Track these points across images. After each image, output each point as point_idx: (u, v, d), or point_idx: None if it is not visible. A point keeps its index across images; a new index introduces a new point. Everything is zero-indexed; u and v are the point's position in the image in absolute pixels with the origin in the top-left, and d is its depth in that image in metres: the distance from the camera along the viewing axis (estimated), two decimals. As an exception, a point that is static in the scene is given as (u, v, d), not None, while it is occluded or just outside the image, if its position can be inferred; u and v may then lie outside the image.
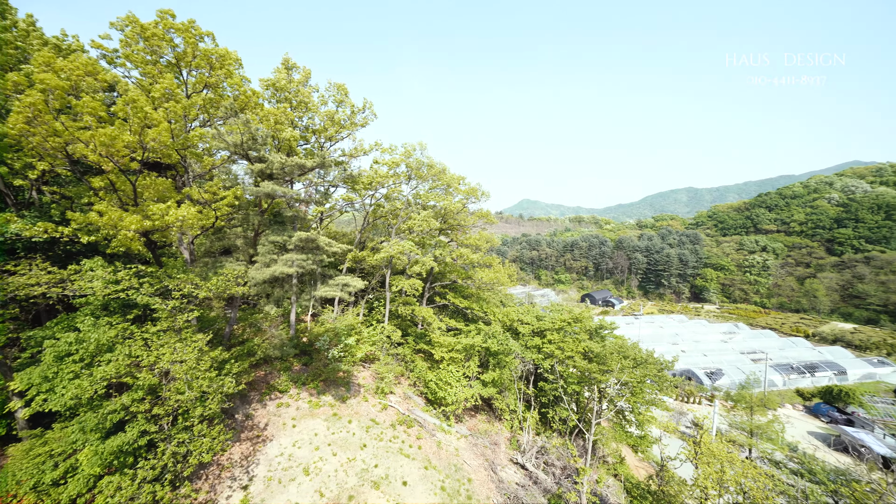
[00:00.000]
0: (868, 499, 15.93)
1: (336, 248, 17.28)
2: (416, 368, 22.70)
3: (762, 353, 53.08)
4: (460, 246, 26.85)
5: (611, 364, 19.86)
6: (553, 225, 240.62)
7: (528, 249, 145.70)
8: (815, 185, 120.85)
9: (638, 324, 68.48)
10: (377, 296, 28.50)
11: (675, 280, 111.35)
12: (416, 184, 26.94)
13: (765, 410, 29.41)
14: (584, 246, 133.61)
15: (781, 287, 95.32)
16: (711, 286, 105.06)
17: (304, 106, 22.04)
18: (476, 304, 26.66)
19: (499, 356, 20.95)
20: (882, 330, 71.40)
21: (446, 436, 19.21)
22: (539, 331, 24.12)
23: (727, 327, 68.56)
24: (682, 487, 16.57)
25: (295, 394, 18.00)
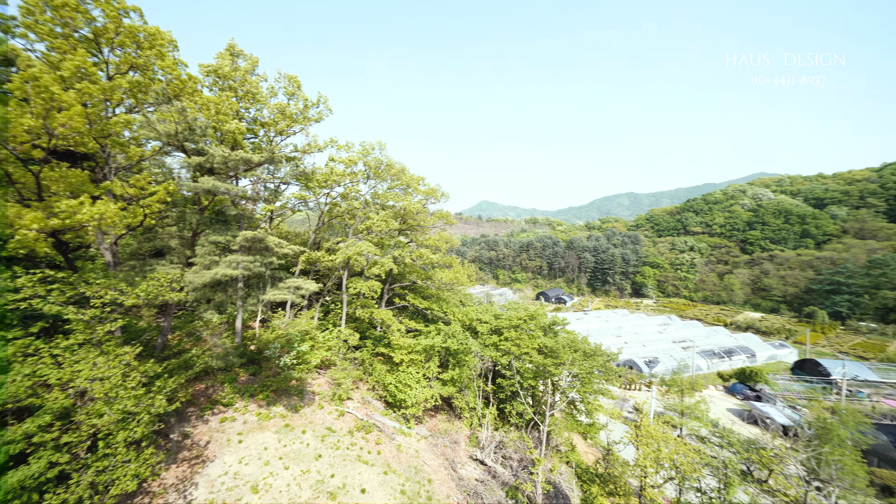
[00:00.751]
0: (772, 462, 18.45)
1: (287, 250, 16.32)
2: (375, 372, 22.20)
3: (690, 341, 59.51)
4: (420, 247, 26.75)
5: (563, 358, 21.00)
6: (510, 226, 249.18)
7: (486, 250, 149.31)
8: (731, 193, 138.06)
9: (587, 319, 73.13)
10: (333, 299, 27.42)
11: (619, 277, 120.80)
12: (374, 183, 26.35)
13: (693, 392, 32.92)
14: (539, 246, 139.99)
15: (706, 282, 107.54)
16: (649, 282, 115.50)
17: (252, 96, 20.55)
18: (436, 305, 26.72)
19: (458, 355, 21.18)
20: (782, 317, 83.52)
21: (406, 438, 19.00)
22: (497, 329, 24.79)
23: (662, 319, 75.76)
24: (625, 468, 17.91)
25: (241, 407, 16.68)
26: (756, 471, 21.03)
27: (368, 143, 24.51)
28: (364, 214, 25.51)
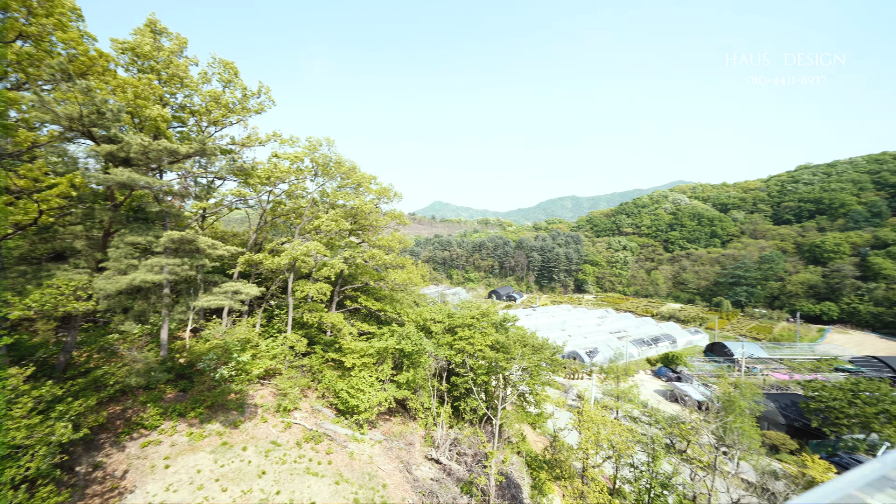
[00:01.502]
0: (689, 434, 21.00)
1: (223, 251, 14.94)
2: (325, 379, 21.22)
3: (624, 331, 65.64)
4: (372, 247, 26.13)
5: (514, 353, 21.92)
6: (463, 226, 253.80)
7: (440, 250, 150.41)
8: (656, 197, 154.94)
9: (535, 315, 77.06)
10: (278, 303, 25.66)
11: (563, 275, 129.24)
12: (322, 181, 25.17)
13: (626, 378, 36.34)
14: (491, 246, 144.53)
15: (636, 278, 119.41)
16: (589, 279, 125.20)
17: (178, 81, 18.46)
18: (389, 306, 26.30)
19: (413, 356, 21.07)
20: (696, 307, 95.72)
21: (359, 445, 18.43)
22: (451, 328, 25.10)
23: (600, 312, 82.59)
24: (570, 453, 19.18)
25: (169, 427, 14.90)
26: (677, 443, 23.83)
27: (316, 138, 23.36)
28: (312, 213, 24.24)
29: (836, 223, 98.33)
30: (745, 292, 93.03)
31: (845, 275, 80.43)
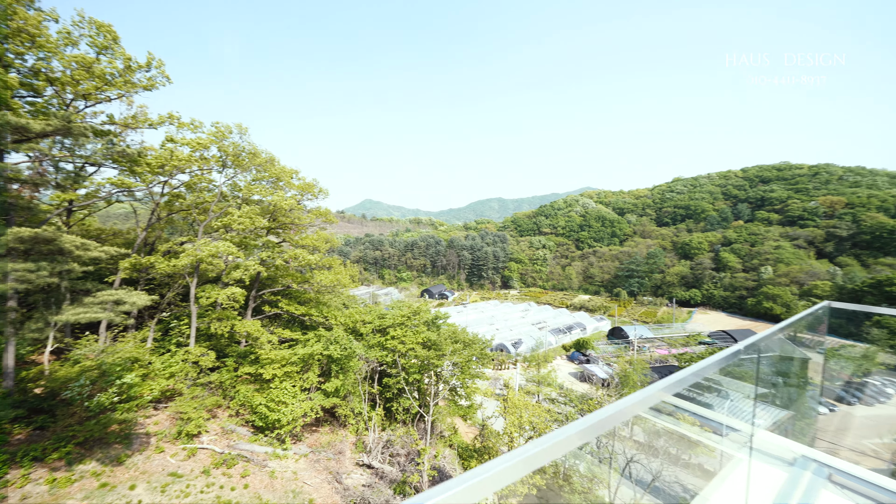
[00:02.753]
0: (596, 408, 24.10)
1: (98, 253, 12.37)
2: (240, 394, 19.02)
3: (544, 322, 72.17)
4: (295, 247, 24.20)
5: (445, 349, 22.46)
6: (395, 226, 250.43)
7: (371, 249, 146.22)
8: (569, 201, 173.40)
9: (466, 311, 79.97)
10: (177, 313, 22.15)
11: (491, 272, 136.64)
12: (233, 173, 22.45)
13: (546, 364, 40.01)
14: (423, 245, 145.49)
15: (554, 273, 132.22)
16: (514, 276, 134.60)
17: (28, 38, 14.64)
18: (315, 310, 24.69)
19: (342, 361, 20.14)
20: (601, 298, 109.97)
21: (282, 461, 16.97)
22: (382, 328, 24.64)
23: (524, 306, 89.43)
24: (497, 438, 20.41)
25: (17, 478, 11.77)
26: (586, 417, 27.14)
27: (224, 125, 20.71)
28: (220, 209, 21.45)
29: (699, 225, 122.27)
30: (637, 283, 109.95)
31: (705, 267, 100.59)
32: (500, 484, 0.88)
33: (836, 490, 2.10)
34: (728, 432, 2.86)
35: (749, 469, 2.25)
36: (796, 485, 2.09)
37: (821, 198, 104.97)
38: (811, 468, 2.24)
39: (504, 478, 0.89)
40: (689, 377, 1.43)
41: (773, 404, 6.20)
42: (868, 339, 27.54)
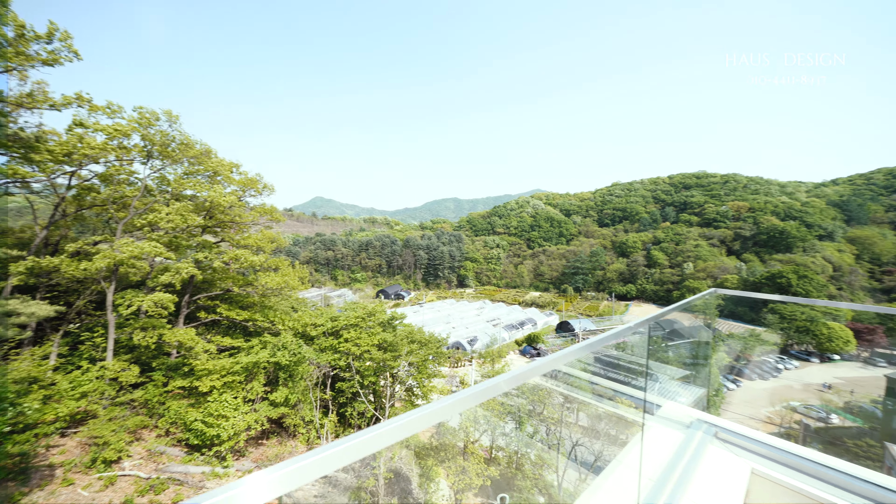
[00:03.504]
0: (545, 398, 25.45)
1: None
2: (170, 411, 17.14)
3: (498, 319, 74.65)
4: (236, 247, 22.38)
5: (401, 350, 22.27)
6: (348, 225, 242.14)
7: (323, 249, 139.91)
8: (521, 202, 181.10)
9: (422, 311, 79.93)
10: (90, 323, 19.34)
11: (448, 271, 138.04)
12: (160, 164, 20.14)
13: (500, 359, 41.46)
14: (378, 245, 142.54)
15: (507, 272, 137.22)
16: (470, 274, 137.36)
17: None
18: (260, 314, 23.06)
19: (290, 368, 19.04)
20: (550, 294, 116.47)
21: (222, 481, 15.61)
22: (334, 331, 23.76)
23: (479, 304, 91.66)
24: (453, 435, 20.71)
25: None
26: (537, 407, 28.61)
27: (150, 110, 18.48)
28: (144, 205, 19.12)
29: (634, 226, 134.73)
30: (581, 280, 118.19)
31: (639, 264, 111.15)
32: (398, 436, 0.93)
33: (720, 444, 2.54)
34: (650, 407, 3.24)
35: (656, 434, 2.60)
36: (690, 442, 2.49)
37: (730, 203, 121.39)
38: (702, 429, 2.68)
39: (403, 432, 0.95)
40: (579, 350, 1.65)
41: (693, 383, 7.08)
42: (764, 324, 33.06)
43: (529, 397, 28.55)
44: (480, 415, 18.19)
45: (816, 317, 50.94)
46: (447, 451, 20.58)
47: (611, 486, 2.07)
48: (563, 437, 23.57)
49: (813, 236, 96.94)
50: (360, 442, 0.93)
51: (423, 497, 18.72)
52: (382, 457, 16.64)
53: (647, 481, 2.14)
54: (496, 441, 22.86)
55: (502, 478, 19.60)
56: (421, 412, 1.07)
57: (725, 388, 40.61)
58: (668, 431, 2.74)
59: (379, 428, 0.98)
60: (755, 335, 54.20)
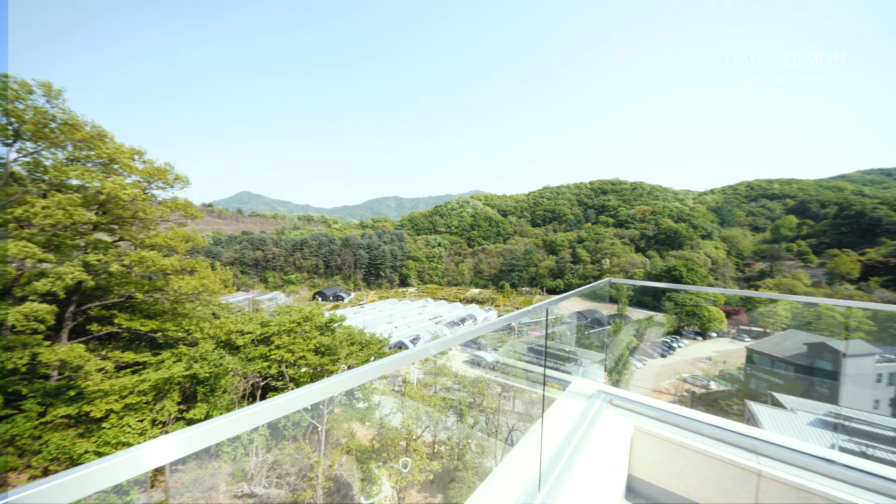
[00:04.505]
0: (485, 389, 26.67)
1: None
2: (50, 445, 14.29)
3: (440, 316, 75.91)
4: (140, 247, 19.41)
5: (340, 353, 21.50)
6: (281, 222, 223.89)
7: (250, 249, 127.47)
8: (462, 202, 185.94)
9: (363, 312, 77.72)
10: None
11: (389, 271, 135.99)
12: (33, 147, 16.56)
13: (442, 356, 42.24)
14: (314, 244, 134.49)
15: (448, 270, 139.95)
16: (412, 273, 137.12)
17: None
18: (172, 324, 20.32)
19: (211, 382, 17.18)
20: (489, 290, 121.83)
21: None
22: (265, 337, 22.01)
23: (422, 303, 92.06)
24: (395, 434, 20.69)
25: None
26: (477, 398, 29.86)
27: (20, 80, 15.07)
28: (9, 196, 15.56)
29: (561, 226, 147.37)
30: (517, 276, 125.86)
31: (566, 261, 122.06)
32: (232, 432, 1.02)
33: (613, 409, 3.11)
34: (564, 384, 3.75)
35: (565, 406, 3.08)
36: (590, 410, 3.01)
37: (637, 207, 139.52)
38: (601, 398, 3.24)
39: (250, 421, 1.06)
40: (452, 340, 1.84)
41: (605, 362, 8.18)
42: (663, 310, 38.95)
43: (470, 390, 29.67)
44: (423, 411, 18.48)
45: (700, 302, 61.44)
46: (389, 452, 20.48)
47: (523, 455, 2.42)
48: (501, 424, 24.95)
49: (698, 236, 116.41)
50: (271, 406, 1.06)
51: (366, 501, 18.41)
52: (320, 466, 15.96)
53: (553, 445, 2.55)
54: (439, 436, 23.37)
55: (445, 471, 20.15)
56: (298, 392, 1.19)
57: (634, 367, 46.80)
58: (575, 403, 3.25)
59: (284, 396, 1.10)
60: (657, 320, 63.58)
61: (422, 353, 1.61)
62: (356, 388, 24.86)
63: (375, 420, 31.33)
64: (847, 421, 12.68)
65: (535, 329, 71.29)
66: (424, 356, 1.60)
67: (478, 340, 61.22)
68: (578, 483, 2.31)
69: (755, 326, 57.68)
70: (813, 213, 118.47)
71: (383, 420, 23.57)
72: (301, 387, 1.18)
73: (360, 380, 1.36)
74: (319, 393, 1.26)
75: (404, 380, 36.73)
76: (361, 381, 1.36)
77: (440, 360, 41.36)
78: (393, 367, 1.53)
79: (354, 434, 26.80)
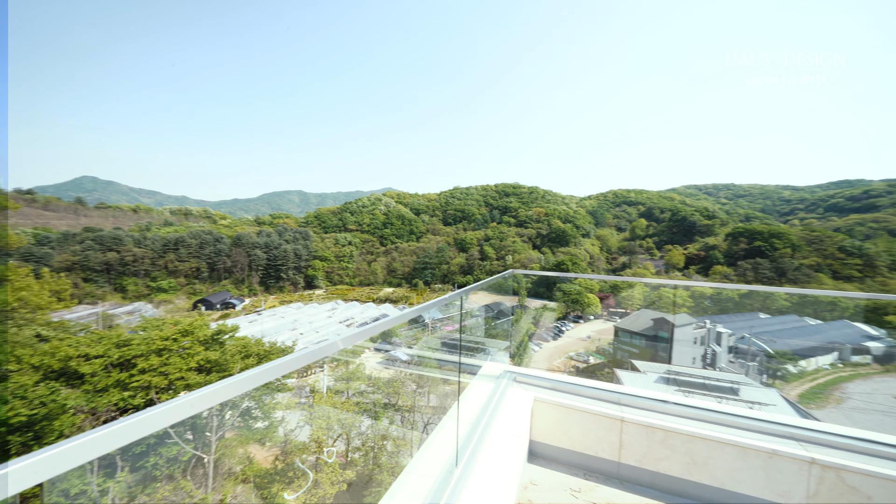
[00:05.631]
0: (399, 388, 26.64)
1: None
2: None
3: (352, 318, 72.69)
4: None
5: (232, 368, 18.75)
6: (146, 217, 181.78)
7: (99, 250, 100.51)
8: (373, 199, 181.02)
9: (261, 319, 69.22)
10: None
11: (293, 273, 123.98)
12: None
13: (354, 360, 40.56)
14: (195, 244, 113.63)
15: (360, 269, 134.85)
16: (319, 274, 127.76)
17: None
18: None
19: (35, 428, 13.04)
20: (403, 289, 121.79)
21: None
22: (124, 360, 17.72)
23: (331, 305, 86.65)
24: (304, 450, 19.10)
25: None
26: (392, 398, 29.62)
27: None
28: None
29: (471, 225, 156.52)
30: (430, 274, 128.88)
31: (475, 258, 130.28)
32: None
33: (517, 385, 3.52)
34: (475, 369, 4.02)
35: (477, 388, 3.34)
36: (498, 387, 3.34)
37: (534, 209, 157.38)
38: (507, 377, 3.62)
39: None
40: (370, 329, 1.75)
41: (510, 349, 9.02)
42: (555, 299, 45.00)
43: (385, 391, 29.27)
44: (335, 420, 17.50)
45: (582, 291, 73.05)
46: (295, 470, 18.80)
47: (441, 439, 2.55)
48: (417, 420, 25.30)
49: (580, 235, 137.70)
50: (130, 424, 0.82)
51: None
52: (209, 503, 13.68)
53: (467, 424, 2.74)
54: (353, 443, 22.40)
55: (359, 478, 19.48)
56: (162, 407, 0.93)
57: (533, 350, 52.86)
58: (486, 384, 3.55)
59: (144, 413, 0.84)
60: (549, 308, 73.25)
61: (331, 349, 1.52)
62: (253, 406, 22.14)
63: (278, 438, 28.35)
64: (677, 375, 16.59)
65: (448, 324, 74.23)
66: (334, 350, 1.46)
67: (392, 340, 60.73)
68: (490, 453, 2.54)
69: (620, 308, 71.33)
70: (656, 217, 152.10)
71: (288, 436, 21.49)
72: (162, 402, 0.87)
73: (247, 386, 1.10)
74: (182, 410, 0.96)
75: (312, 389, 34.12)
76: (249, 387, 1.10)
77: (353, 364, 39.73)
78: (295, 366, 1.39)
79: (252, 458, 23.72)
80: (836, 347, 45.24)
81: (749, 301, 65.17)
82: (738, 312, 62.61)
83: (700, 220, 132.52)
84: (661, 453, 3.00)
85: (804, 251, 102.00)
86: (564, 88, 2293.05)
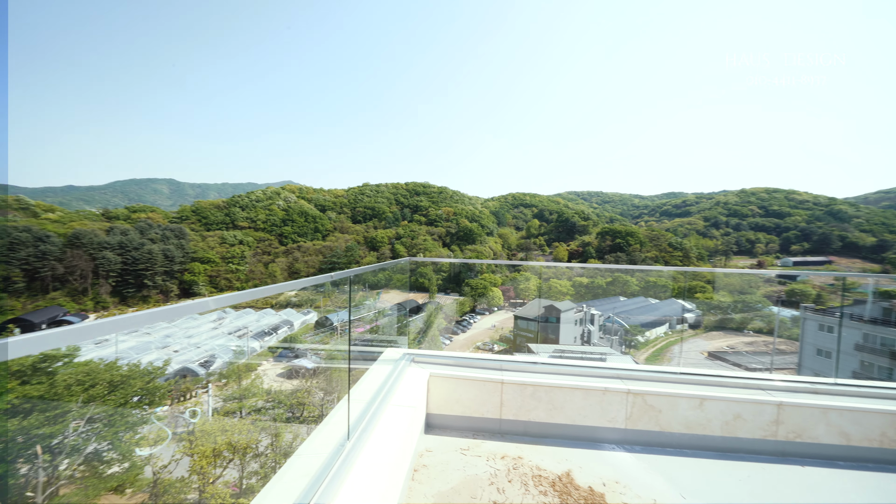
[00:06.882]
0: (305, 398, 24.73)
1: None
2: None
3: (245, 328, 63.89)
4: None
5: (70, 403, 14.68)
6: None
7: None
8: (270, 193, 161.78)
9: (115, 338, 55.33)
10: None
11: (162, 278, 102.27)
12: None
13: (249, 374, 35.94)
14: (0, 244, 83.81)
15: (255, 272, 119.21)
16: (200, 279, 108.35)
17: None
18: None
19: None
20: (307, 292, 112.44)
21: None
22: None
23: (217, 315, 74.49)
24: (181, 485, 16.27)
25: None
26: (297, 411, 27.25)
27: None
28: None
29: (381, 224, 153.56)
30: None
31: (387, 256, 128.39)
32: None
33: (415, 365, 3.80)
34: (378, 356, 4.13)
35: (376, 372, 3.50)
36: (396, 368, 3.56)
37: (444, 208, 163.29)
38: (406, 358, 3.87)
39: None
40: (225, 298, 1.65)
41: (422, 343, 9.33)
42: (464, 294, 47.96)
43: (288, 404, 26.85)
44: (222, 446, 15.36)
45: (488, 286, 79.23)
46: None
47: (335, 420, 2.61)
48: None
49: (484, 233, 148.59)
50: None
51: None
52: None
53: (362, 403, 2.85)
54: (249, 467, 19.85)
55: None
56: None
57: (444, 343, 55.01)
58: (384, 367, 3.71)
59: None
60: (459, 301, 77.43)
61: (201, 306, 1.29)
62: (104, 447, 17.81)
63: (145, 481, 23.40)
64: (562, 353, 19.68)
65: (359, 326, 71.56)
66: (203, 309, 1.36)
67: (296, 348, 55.57)
68: (386, 425, 2.70)
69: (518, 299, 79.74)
70: (546, 218, 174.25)
71: (159, 475, 17.86)
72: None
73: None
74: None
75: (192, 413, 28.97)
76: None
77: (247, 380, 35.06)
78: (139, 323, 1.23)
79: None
80: (667, 320, 59.61)
81: (613, 287, 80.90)
82: (606, 297, 77.36)
83: (579, 222, 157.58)
84: (531, 405, 3.64)
85: (648, 246, 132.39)
86: (473, 90, 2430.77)
